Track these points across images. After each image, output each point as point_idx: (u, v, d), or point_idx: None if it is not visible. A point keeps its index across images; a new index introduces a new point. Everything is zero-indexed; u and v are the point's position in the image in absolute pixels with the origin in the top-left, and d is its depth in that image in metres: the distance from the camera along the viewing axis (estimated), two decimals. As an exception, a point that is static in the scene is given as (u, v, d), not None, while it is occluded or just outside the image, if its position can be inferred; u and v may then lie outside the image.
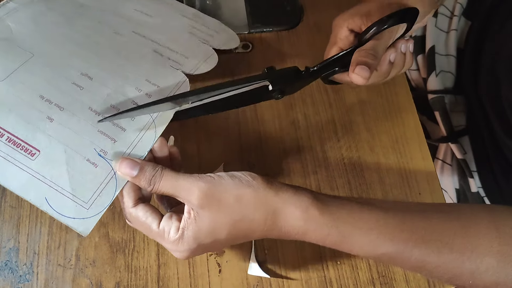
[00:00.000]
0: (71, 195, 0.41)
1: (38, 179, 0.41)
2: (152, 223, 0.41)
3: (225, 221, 0.41)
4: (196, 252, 0.42)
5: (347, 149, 0.60)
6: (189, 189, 0.40)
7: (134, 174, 0.41)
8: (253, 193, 0.41)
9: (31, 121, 0.43)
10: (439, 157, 0.83)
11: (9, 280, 0.49)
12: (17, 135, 0.42)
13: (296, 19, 0.67)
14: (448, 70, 0.85)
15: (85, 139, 0.43)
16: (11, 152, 0.41)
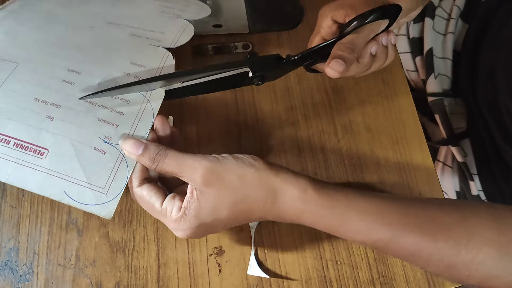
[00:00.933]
0: (88, 184, 0.43)
1: (53, 175, 0.42)
2: (155, 202, 0.43)
3: (228, 199, 0.42)
4: (197, 232, 0.43)
5: (347, 150, 0.60)
6: (194, 167, 0.41)
7: (139, 152, 0.43)
8: (255, 173, 0.42)
9: (32, 123, 0.44)
10: (440, 159, 0.83)
11: (9, 280, 0.49)
12: (22, 139, 0.43)
13: (296, 20, 0.67)
14: (444, 73, 0.85)
15: (88, 130, 0.45)
16: (21, 156, 0.42)
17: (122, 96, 0.48)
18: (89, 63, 0.50)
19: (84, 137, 0.44)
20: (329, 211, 0.43)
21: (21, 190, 0.52)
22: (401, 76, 0.65)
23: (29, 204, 0.52)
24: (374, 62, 0.53)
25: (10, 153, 0.42)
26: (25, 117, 0.44)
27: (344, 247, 0.55)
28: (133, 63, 0.51)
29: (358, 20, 0.48)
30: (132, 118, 0.47)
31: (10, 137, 0.43)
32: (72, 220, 0.52)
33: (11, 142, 0.43)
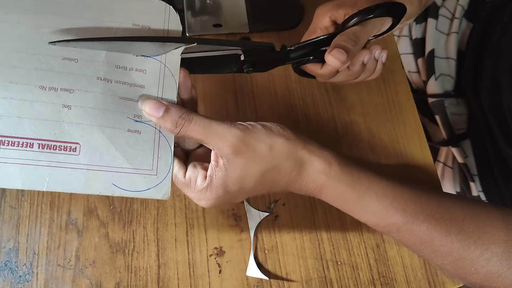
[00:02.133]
0: (134, 169, 0.40)
1: (94, 170, 0.39)
2: (178, 173, 0.42)
3: (256, 169, 0.41)
4: (222, 200, 0.42)
5: (347, 149, 0.60)
6: (222, 134, 0.40)
7: (160, 114, 0.40)
8: (284, 143, 0.42)
9: (49, 117, 0.39)
10: (440, 160, 0.83)
11: (9, 280, 0.49)
12: (46, 138, 0.39)
13: (297, 19, 0.67)
14: (448, 73, 0.85)
15: (114, 112, 0.41)
16: (51, 157, 0.38)
17: (136, 65, 0.42)
18: (87, 32, 0.42)
19: (112, 120, 0.40)
20: (349, 188, 0.43)
21: (21, 190, 0.52)
22: (401, 76, 0.65)
23: (29, 205, 0.52)
24: (363, 72, 0.52)
25: (38, 157, 0.38)
26: (38, 111, 0.39)
27: (344, 247, 0.54)
28: (135, 24, 0.44)
29: (362, 14, 0.47)
30: (154, 89, 0.42)
31: (30, 139, 0.38)
32: (72, 220, 0.52)
33: (34, 145, 0.38)
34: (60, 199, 0.52)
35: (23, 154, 0.38)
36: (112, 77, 0.42)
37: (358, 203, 0.44)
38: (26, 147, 0.38)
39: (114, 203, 0.53)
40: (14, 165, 0.37)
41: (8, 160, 0.37)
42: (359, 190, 0.44)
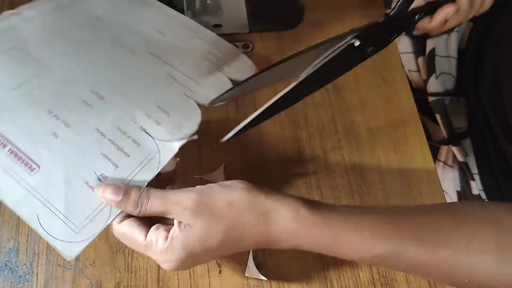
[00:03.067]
0: (64, 216, 0.40)
1: (33, 195, 0.40)
2: (138, 236, 0.40)
3: (218, 228, 0.40)
4: (186, 263, 0.41)
5: (347, 149, 0.60)
6: (180, 202, 0.40)
7: (119, 199, 0.40)
8: (244, 196, 0.41)
9: (36, 134, 0.42)
10: (441, 159, 0.82)
11: (9, 280, 0.49)
12: (20, 147, 0.41)
13: (297, 19, 0.67)
14: (448, 72, 0.85)
15: (87, 161, 0.42)
16: (11, 164, 0.40)
17: (135, 137, 0.45)
18: (116, 91, 0.47)
19: (80, 167, 0.42)
20: (324, 230, 0.41)
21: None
22: (402, 75, 0.65)
23: (29, 205, 0.52)
24: (471, 10, 0.52)
25: (3, 158, 0.40)
26: (32, 125, 0.42)
27: (344, 247, 0.54)
28: (159, 107, 0.47)
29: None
30: (135, 164, 0.43)
31: (8, 141, 0.41)
32: (72, 220, 0.52)
33: (7, 147, 0.41)
34: (60, 199, 0.52)
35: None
36: (108, 135, 0.44)
37: (338, 243, 0.42)
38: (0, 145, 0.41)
39: (114, 203, 0.53)
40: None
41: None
42: (334, 229, 0.41)
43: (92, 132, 0.44)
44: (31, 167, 0.41)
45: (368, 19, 0.67)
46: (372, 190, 0.58)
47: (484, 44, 0.81)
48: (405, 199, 0.57)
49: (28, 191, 0.40)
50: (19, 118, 0.43)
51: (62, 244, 0.39)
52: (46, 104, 0.44)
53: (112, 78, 0.48)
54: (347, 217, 0.42)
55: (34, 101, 0.44)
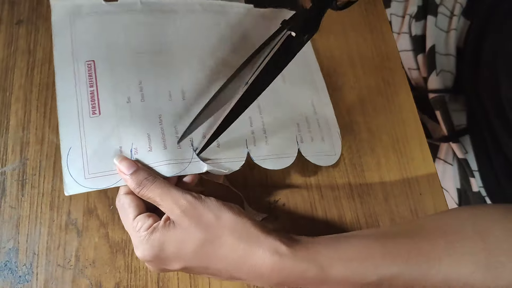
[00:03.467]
0: (86, 161, 0.45)
1: (79, 132, 0.46)
2: (130, 214, 0.43)
3: (198, 236, 0.41)
4: (155, 258, 0.42)
5: (347, 149, 0.60)
6: (176, 198, 0.42)
7: (128, 173, 0.44)
8: (232, 216, 0.42)
9: (117, 91, 0.49)
10: (441, 157, 0.83)
11: (9, 280, 0.49)
12: (100, 92, 0.48)
13: None
14: (448, 69, 0.85)
15: (133, 132, 0.47)
16: (85, 102, 0.48)
17: (182, 139, 0.49)
18: (197, 103, 0.51)
19: (124, 132, 0.47)
20: (311, 264, 0.41)
21: (21, 190, 0.52)
22: (401, 75, 0.65)
23: (29, 205, 0.52)
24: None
25: (84, 94, 0.48)
26: (119, 84, 0.49)
27: (344, 247, 0.54)
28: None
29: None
30: (166, 157, 0.47)
31: (96, 84, 0.49)
32: (72, 220, 0.52)
33: (92, 87, 0.48)
34: (60, 199, 0.52)
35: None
36: (164, 125, 0.49)
37: (325, 277, 0.41)
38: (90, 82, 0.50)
39: (114, 203, 0.53)
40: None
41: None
42: (321, 263, 0.41)
43: (154, 115, 0.49)
44: (94, 111, 0.47)
45: (368, 19, 0.67)
46: (372, 190, 0.58)
47: (482, 43, 0.81)
48: (405, 199, 0.58)
49: (79, 127, 0.46)
50: (118, 73, 0.50)
51: (69, 179, 0.45)
52: (143, 76, 0.51)
53: (205, 91, 0.52)
54: (333, 249, 0.42)
55: (137, 69, 0.51)
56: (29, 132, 0.55)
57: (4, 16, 0.59)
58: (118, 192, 0.46)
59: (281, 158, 0.52)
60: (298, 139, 0.54)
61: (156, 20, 0.55)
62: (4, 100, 0.56)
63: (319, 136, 0.56)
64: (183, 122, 0.49)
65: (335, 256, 0.41)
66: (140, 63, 0.51)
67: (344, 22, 0.67)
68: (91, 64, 0.50)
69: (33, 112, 0.55)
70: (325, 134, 0.56)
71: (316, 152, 0.55)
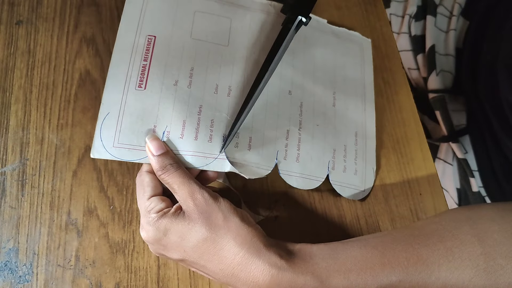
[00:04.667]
0: (119, 129, 0.47)
1: (121, 101, 0.47)
2: (147, 192, 0.45)
3: (201, 231, 0.42)
4: (158, 242, 0.44)
5: (347, 149, 0.60)
6: (193, 191, 0.43)
7: (157, 153, 0.45)
8: (239, 222, 0.43)
9: (167, 69, 0.50)
10: (440, 157, 0.83)
11: (9, 280, 0.49)
12: (152, 68, 0.49)
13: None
14: (447, 69, 0.86)
15: (171, 114, 0.48)
16: (135, 74, 0.49)
17: (215, 135, 0.49)
18: (241, 98, 0.52)
19: (163, 113, 0.48)
20: (309, 277, 0.41)
21: (21, 190, 0.52)
22: (401, 75, 0.65)
23: (29, 205, 0.52)
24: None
25: (136, 65, 0.49)
26: (172, 63, 0.50)
27: (344, 247, 0.54)
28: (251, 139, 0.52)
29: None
30: (193, 148, 0.48)
31: (150, 59, 0.50)
32: (72, 220, 0.52)
33: (146, 61, 0.49)
34: (60, 199, 0.52)
35: None
36: (202, 115, 0.50)
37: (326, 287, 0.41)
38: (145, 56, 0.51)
39: (114, 203, 0.53)
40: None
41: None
42: (320, 276, 0.41)
43: (195, 103, 0.49)
44: (141, 85, 0.48)
45: (368, 19, 0.67)
46: (372, 190, 0.58)
47: (480, 43, 0.82)
48: (405, 199, 0.58)
49: (122, 96, 0.47)
50: (173, 53, 0.51)
51: (99, 143, 0.46)
52: (196, 63, 0.51)
53: (252, 91, 0.51)
54: (331, 261, 0.42)
55: (192, 55, 0.51)
56: (29, 132, 0.55)
57: (3, 16, 0.59)
58: (140, 168, 0.47)
59: (307, 179, 0.53)
60: (330, 165, 0.54)
61: (227, 13, 0.56)
62: (4, 101, 0.56)
63: (352, 168, 0.56)
64: (221, 118, 0.50)
65: (333, 267, 0.41)
66: (198, 50, 0.52)
67: (344, 22, 0.67)
68: (151, 39, 0.51)
69: (33, 112, 0.55)
70: (359, 168, 0.56)
71: (345, 183, 0.55)
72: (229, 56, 0.53)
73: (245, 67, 0.54)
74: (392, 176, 0.59)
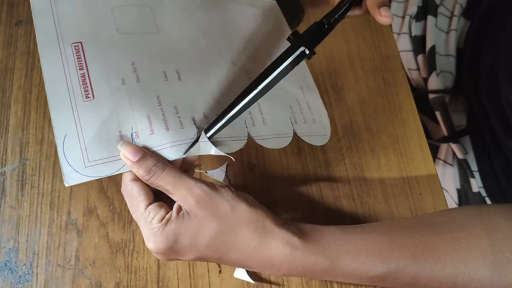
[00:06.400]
0: (84, 147, 0.42)
1: (73, 117, 0.43)
2: (141, 202, 0.41)
3: (214, 227, 0.40)
4: (169, 250, 0.41)
5: (347, 149, 0.60)
6: (190, 187, 0.40)
7: (135, 159, 0.41)
8: (246, 208, 0.42)
9: (110, 73, 0.46)
10: (441, 157, 0.83)
11: (9, 280, 0.49)
12: (91, 75, 0.45)
13: (297, 19, 0.67)
14: (448, 70, 0.85)
15: (132, 115, 0.45)
16: (77, 85, 0.44)
17: (183, 120, 0.47)
18: (195, 82, 0.51)
19: (123, 116, 0.45)
20: (320, 257, 0.41)
21: (21, 190, 0.52)
22: (401, 76, 0.65)
23: (29, 205, 0.52)
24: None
25: (74, 77, 0.45)
26: (111, 65, 0.47)
27: (344, 247, 0.54)
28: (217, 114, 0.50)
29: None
30: (169, 139, 0.45)
31: (86, 66, 0.46)
32: (72, 220, 0.52)
33: (83, 70, 0.45)
34: (60, 199, 0.52)
35: None
36: (164, 106, 0.47)
37: (333, 269, 0.42)
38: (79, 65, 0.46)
39: (114, 203, 0.53)
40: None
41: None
42: (330, 255, 0.42)
43: (152, 96, 0.47)
44: (88, 95, 0.44)
45: (369, 19, 0.67)
46: (371, 190, 0.58)
47: (481, 43, 0.82)
48: (405, 199, 0.57)
49: (73, 112, 0.43)
50: (108, 54, 0.47)
51: (68, 168, 0.41)
52: (135, 57, 0.48)
53: (200, 71, 0.51)
54: (342, 242, 0.42)
55: (128, 50, 0.48)
56: (29, 133, 0.55)
57: (3, 17, 0.59)
58: (122, 178, 0.43)
59: (279, 138, 0.52)
60: (292, 120, 0.54)
61: (143, 1, 0.53)
62: (3, 101, 0.56)
63: (310, 118, 0.56)
64: (182, 102, 0.48)
65: (343, 249, 0.42)
66: (131, 43, 0.49)
67: (344, 22, 0.67)
68: (78, 46, 0.47)
69: (33, 112, 0.55)
70: (315, 116, 0.57)
71: (309, 132, 0.55)
72: (164, 42, 0.52)
73: (185, 47, 0.52)
74: (392, 176, 0.59)
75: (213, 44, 0.54)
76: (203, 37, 0.55)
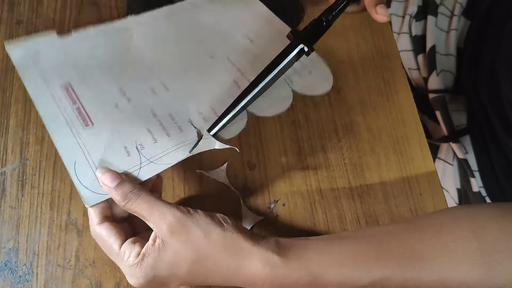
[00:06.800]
0: (93, 173, 0.45)
1: (79, 145, 0.47)
2: (113, 243, 0.42)
3: (189, 256, 0.40)
4: (151, 283, 0.41)
5: (347, 149, 0.59)
6: (163, 213, 0.41)
7: (112, 186, 0.43)
8: (221, 233, 0.41)
9: (102, 101, 0.51)
10: (441, 157, 0.83)
11: (9, 280, 0.49)
12: (85, 107, 0.50)
13: (297, 19, 0.67)
14: (448, 69, 0.85)
15: (132, 131, 0.49)
16: (74, 117, 0.49)
17: (181, 124, 0.52)
18: (182, 88, 0.55)
19: (125, 133, 0.49)
20: (303, 273, 0.41)
21: (21, 190, 0.52)
22: (402, 75, 0.65)
23: (29, 205, 0.52)
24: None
25: (70, 111, 0.50)
26: (101, 94, 0.52)
27: (344, 247, 0.54)
28: (212, 108, 0.54)
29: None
30: (172, 143, 0.49)
31: (79, 100, 0.51)
32: (72, 220, 0.52)
33: (76, 104, 0.51)
34: (60, 199, 0.52)
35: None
36: (159, 116, 0.52)
37: (318, 284, 0.41)
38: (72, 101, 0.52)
39: (114, 203, 0.53)
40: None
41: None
42: (313, 271, 0.41)
43: (146, 111, 0.52)
44: (87, 123, 0.49)
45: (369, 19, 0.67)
46: (371, 190, 0.57)
47: (481, 42, 0.82)
48: (405, 199, 0.57)
49: (76, 139, 0.48)
50: (96, 86, 0.52)
51: (86, 191, 0.44)
52: (121, 83, 0.53)
53: (184, 76, 0.57)
54: (325, 255, 0.42)
55: (114, 79, 0.54)
56: (29, 133, 0.55)
57: (3, 16, 0.59)
58: (90, 223, 0.44)
59: (278, 103, 0.56)
60: (288, 81, 0.57)
61: (114, 40, 0.58)
62: (4, 101, 0.56)
63: (306, 71, 0.59)
64: (175, 110, 0.53)
65: (328, 262, 0.41)
66: (114, 74, 0.54)
67: (344, 22, 0.67)
68: (67, 86, 0.52)
69: (33, 112, 0.55)
70: (311, 67, 0.59)
71: (308, 85, 0.58)
72: (144, 64, 0.57)
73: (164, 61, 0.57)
74: (392, 176, 0.59)
75: (187, 49, 0.59)
76: (175, 47, 0.59)
